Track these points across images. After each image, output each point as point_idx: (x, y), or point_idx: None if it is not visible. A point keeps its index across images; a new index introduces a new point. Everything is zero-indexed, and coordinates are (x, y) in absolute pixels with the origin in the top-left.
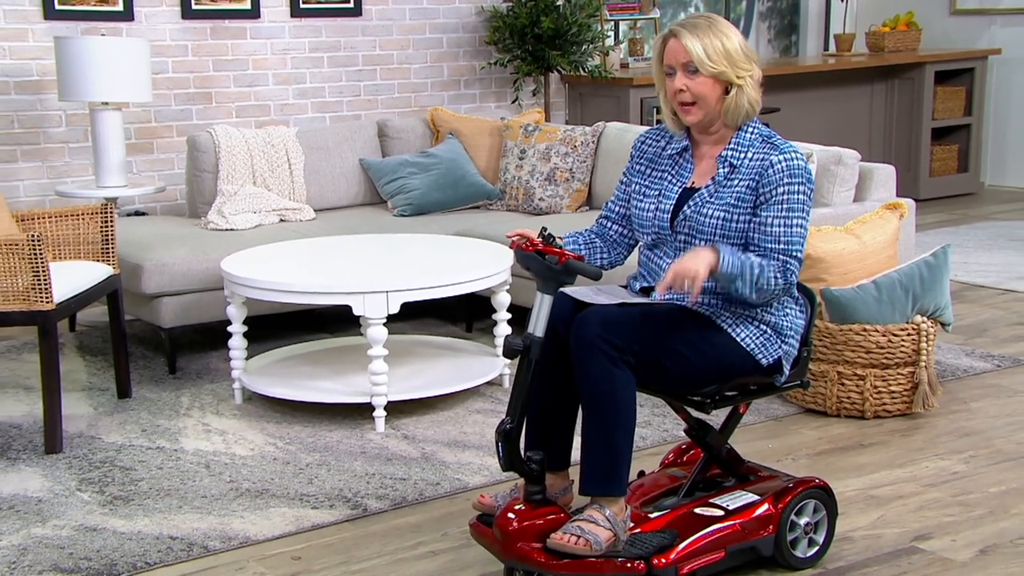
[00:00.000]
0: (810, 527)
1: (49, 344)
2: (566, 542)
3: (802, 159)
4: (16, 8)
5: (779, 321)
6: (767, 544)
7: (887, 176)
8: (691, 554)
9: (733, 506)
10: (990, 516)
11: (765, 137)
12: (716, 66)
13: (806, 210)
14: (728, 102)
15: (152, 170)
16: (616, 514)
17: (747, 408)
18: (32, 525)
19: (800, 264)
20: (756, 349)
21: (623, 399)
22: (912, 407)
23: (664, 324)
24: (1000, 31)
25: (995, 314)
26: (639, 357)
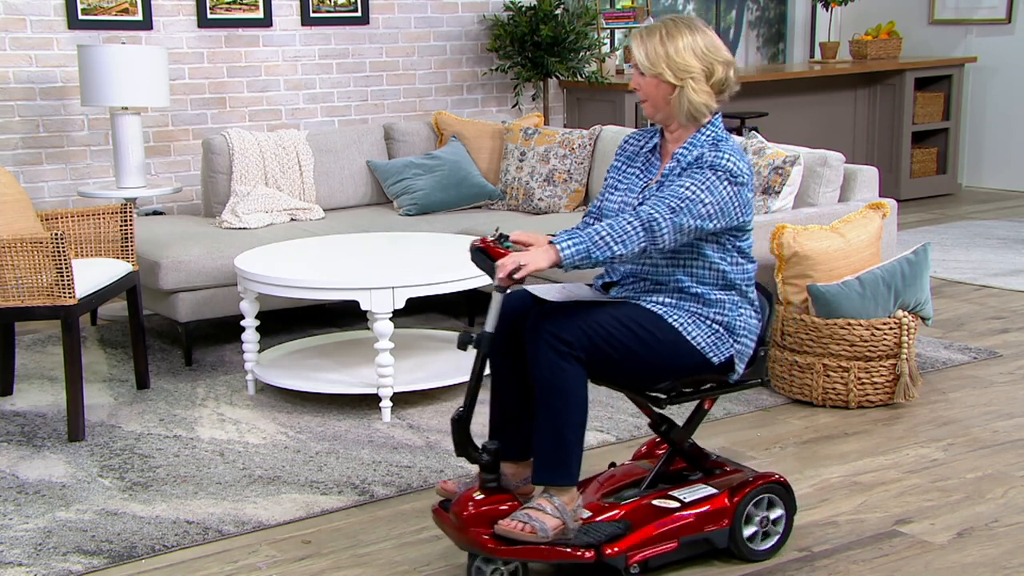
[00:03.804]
0: (766, 521)
1: (72, 337)
2: (512, 528)
3: (734, 162)
4: (42, 18)
5: (732, 321)
6: (721, 536)
7: (870, 177)
8: (642, 543)
9: (690, 498)
10: (967, 501)
11: (716, 139)
12: (655, 68)
13: (709, 188)
14: (673, 102)
15: (169, 171)
16: (566, 503)
17: (712, 404)
18: (56, 509)
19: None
20: (707, 348)
21: (571, 392)
22: (894, 398)
23: (615, 321)
24: (976, 40)
25: (972, 309)
26: (588, 352)
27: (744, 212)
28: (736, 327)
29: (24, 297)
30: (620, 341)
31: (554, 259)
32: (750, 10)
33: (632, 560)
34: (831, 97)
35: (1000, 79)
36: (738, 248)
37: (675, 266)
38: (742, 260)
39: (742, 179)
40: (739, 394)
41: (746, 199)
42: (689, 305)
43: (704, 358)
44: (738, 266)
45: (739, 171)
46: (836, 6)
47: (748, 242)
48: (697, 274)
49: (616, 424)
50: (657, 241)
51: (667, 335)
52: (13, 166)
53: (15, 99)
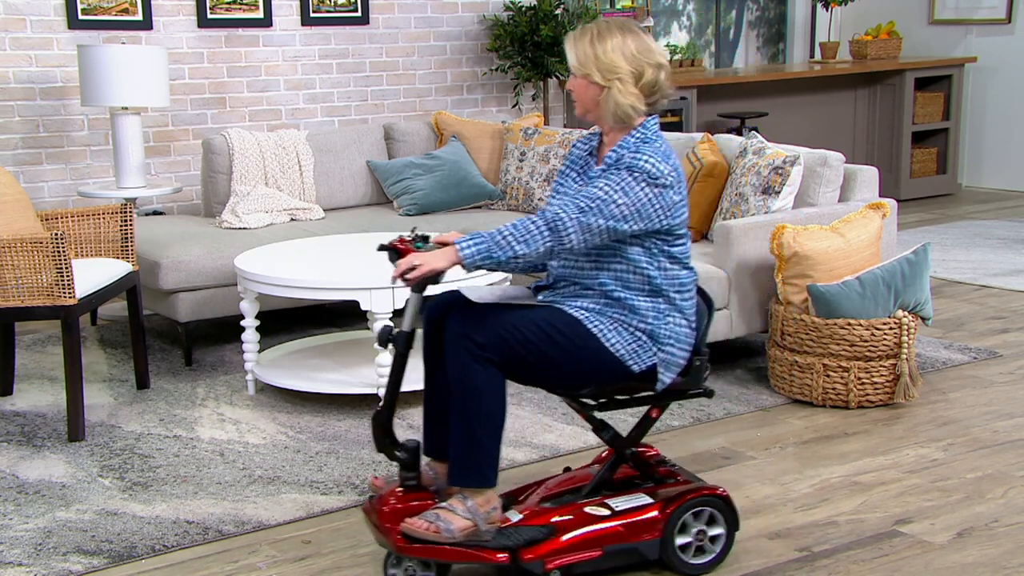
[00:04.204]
0: (703, 535)
1: (72, 337)
2: (417, 527)
3: (653, 163)
4: (42, 18)
5: (656, 329)
6: (652, 547)
7: (870, 177)
8: (563, 550)
9: (622, 507)
10: (967, 501)
11: (644, 141)
12: (583, 68)
13: (623, 188)
14: (602, 103)
15: (169, 171)
16: (479, 505)
17: (660, 413)
18: (56, 509)
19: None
20: (626, 355)
21: (484, 395)
22: (894, 397)
23: (531, 324)
24: (976, 40)
25: (972, 309)
26: (502, 355)
27: (669, 216)
28: (660, 335)
29: (24, 297)
30: (535, 345)
31: (453, 260)
32: (750, 10)
33: (550, 565)
34: (831, 97)
35: (1000, 79)
36: (668, 254)
37: (599, 269)
38: (672, 266)
39: (664, 181)
40: (739, 394)
41: (670, 202)
42: (613, 311)
43: (623, 366)
44: (666, 272)
45: (659, 173)
46: (836, 6)
47: (680, 248)
48: (623, 278)
49: (616, 424)
50: (563, 241)
51: (584, 340)
52: (13, 166)
53: (15, 99)
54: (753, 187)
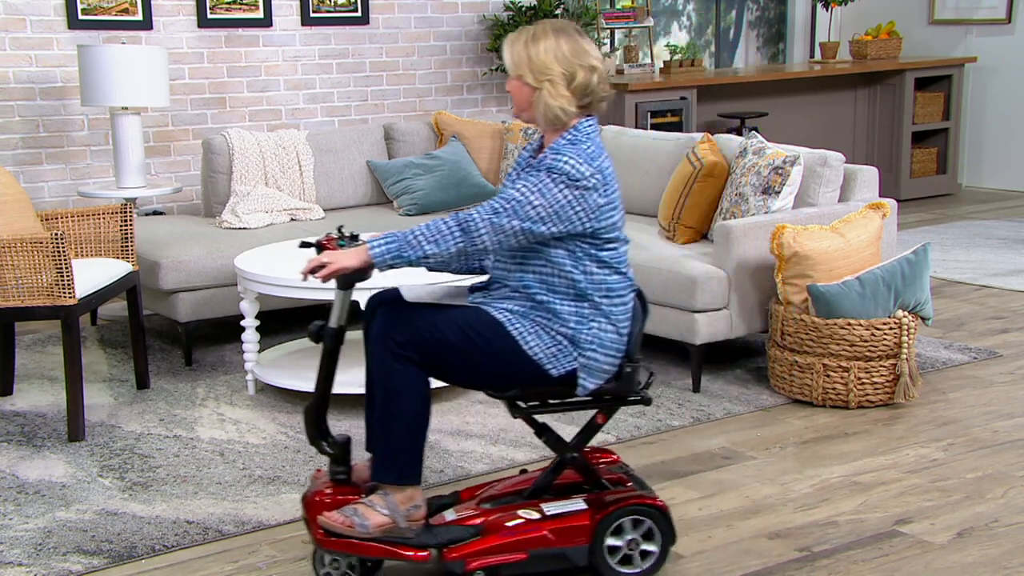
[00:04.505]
0: (635, 544)
1: (72, 337)
2: (333, 521)
3: (573, 164)
4: (42, 18)
5: (577, 333)
6: (580, 554)
7: (870, 177)
8: (485, 552)
9: (552, 512)
10: (967, 501)
11: (572, 142)
12: (517, 70)
13: (540, 190)
14: (534, 104)
15: (169, 171)
16: (399, 502)
17: (605, 419)
18: (56, 509)
19: (505, 210)
20: (544, 359)
21: (403, 393)
22: (894, 397)
23: (452, 324)
24: (976, 40)
25: (972, 309)
26: (422, 354)
27: (593, 219)
28: (581, 340)
29: (24, 297)
30: (454, 345)
31: (364, 259)
32: (750, 10)
33: (471, 566)
34: (831, 97)
35: (1000, 79)
36: (595, 258)
37: (524, 271)
38: (599, 271)
39: (585, 183)
40: (739, 394)
41: (593, 205)
42: (536, 314)
43: (541, 369)
44: (592, 276)
45: (579, 175)
46: (836, 6)
47: (611, 252)
48: (547, 281)
49: (616, 424)
50: (476, 241)
51: (503, 342)
52: (13, 166)
53: (15, 99)
54: (753, 187)
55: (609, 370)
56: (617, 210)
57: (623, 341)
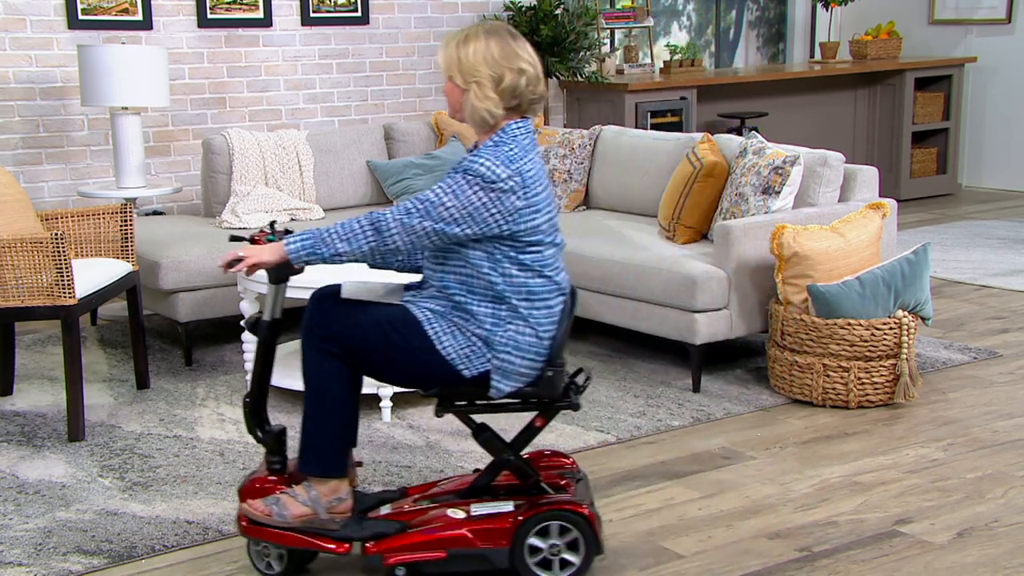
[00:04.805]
0: (557, 549)
1: (72, 337)
2: (254, 509)
3: (489, 166)
4: (42, 18)
5: (491, 335)
6: (501, 556)
7: (870, 177)
8: (406, 548)
9: (478, 513)
10: (967, 501)
11: (495, 144)
12: (448, 71)
13: (454, 191)
14: (464, 106)
15: (169, 171)
16: (322, 494)
17: (544, 423)
18: (56, 509)
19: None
20: (457, 360)
21: (326, 388)
22: (894, 397)
23: (375, 323)
24: (976, 40)
25: (972, 309)
26: (345, 350)
27: (510, 222)
28: (495, 342)
29: (24, 297)
30: (373, 342)
31: (280, 255)
32: (750, 10)
33: (390, 560)
34: (831, 97)
35: (1000, 79)
36: (515, 260)
37: (444, 272)
38: (520, 273)
39: (501, 185)
40: (739, 394)
41: (510, 208)
42: (455, 315)
43: (454, 369)
44: (511, 278)
45: (494, 177)
46: (836, 6)
47: (533, 255)
48: (466, 282)
49: (616, 424)
50: (387, 241)
51: (419, 341)
52: (13, 166)
53: (15, 99)
54: (753, 187)
55: (527, 373)
56: (541, 213)
57: (544, 345)
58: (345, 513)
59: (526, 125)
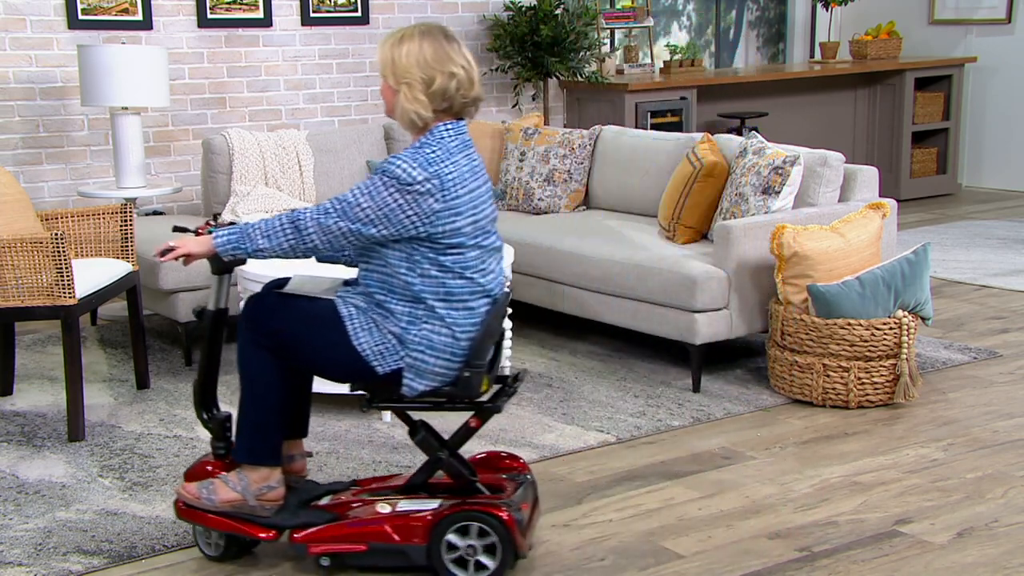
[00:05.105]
0: (473, 550)
1: (72, 337)
2: (186, 492)
3: (405, 168)
4: (42, 18)
5: (405, 333)
6: (419, 553)
7: (870, 177)
8: (328, 538)
9: (403, 508)
10: (967, 501)
11: (419, 146)
12: (382, 72)
13: (371, 192)
14: (396, 106)
15: (169, 171)
16: (252, 481)
17: (479, 423)
18: (56, 509)
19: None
20: (371, 355)
21: (255, 378)
22: (894, 397)
23: (303, 317)
24: (976, 40)
25: (972, 309)
26: (274, 342)
27: (427, 224)
28: (409, 340)
29: (24, 297)
30: (298, 336)
31: (209, 247)
32: (750, 10)
33: (313, 550)
34: (831, 97)
35: (1000, 79)
36: (435, 262)
37: (368, 270)
38: (439, 274)
39: (417, 188)
40: (739, 394)
41: (428, 210)
42: (375, 312)
43: (368, 365)
44: (429, 280)
45: (410, 179)
46: (836, 6)
47: (454, 257)
48: (386, 281)
49: (616, 424)
50: (305, 240)
51: (338, 336)
52: (13, 166)
53: (15, 99)
54: (753, 187)
55: (442, 373)
56: (462, 216)
57: (460, 346)
58: (276, 501)
59: (456, 127)
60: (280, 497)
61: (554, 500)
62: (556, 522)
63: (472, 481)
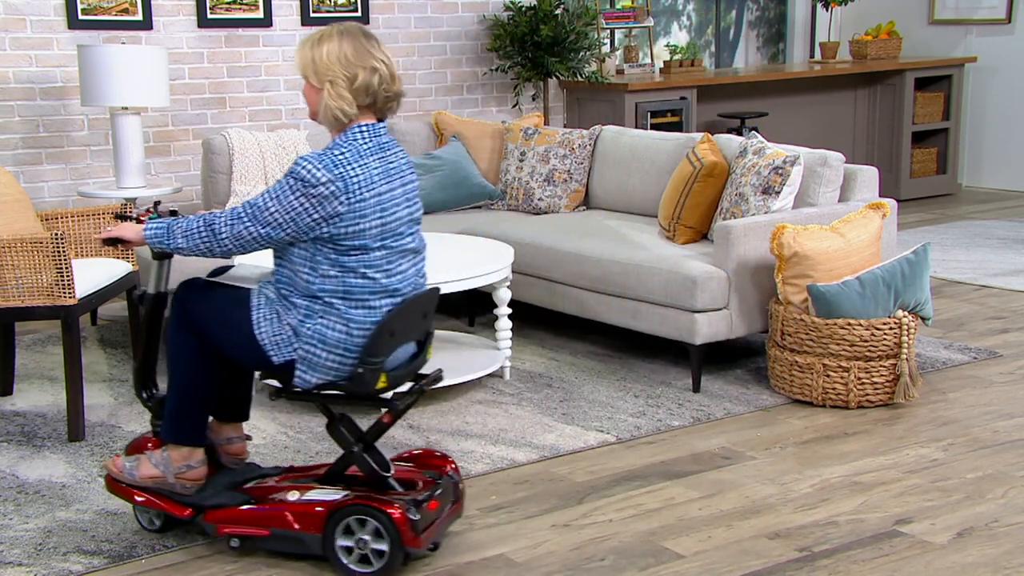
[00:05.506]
0: (364, 544)
1: (72, 337)
2: (113, 466)
3: (310, 169)
4: (42, 18)
5: (300, 326)
6: (315, 542)
7: (870, 177)
8: (236, 520)
9: (308, 498)
10: (967, 501)
11: (329, 147)
12: (303, 72)
13: (279, 196)
14: (319, 105)
15: (169, 171)
16: (173, 459)
17: (391, 419)
18: (56, 509)
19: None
20: (268, 345)
21: (178, 360)
22: (894, 397)
23: (220, 304)
24: (976, 40)
25: (972, 309)
26: (195, 327)
27: (331, 225)
28: (303, 332)
29: (24, 297)
30: (209, 320)
31: (139, 237)
32: (750, 10)
33: (222, 531)
34: (831, 97)
35: (1000, 79)
36: (336, 263)
37: (278, 263)
38: (339, 274)
39: (321, 190)
40: (739, 394)
41: (331, 212)
42: (279, 304)
43: (264, 354)
44: (328, 278)
45: (314, 180)
46: (836, 6)
47: (359, 259)
48: (288, 276)
49: (616, 424)
50: (221, 243)
51: (242, 323)
52: (13, 166)
53: (15, 99)
54: (753, 187)
55: (334, 368)
56: (366, 218)
57: (354, 343)
58: (197, 480)
59: (373, 129)
60: (201, 476)
61: (554, 500)
62: (556, 522)
63: (384, 476)
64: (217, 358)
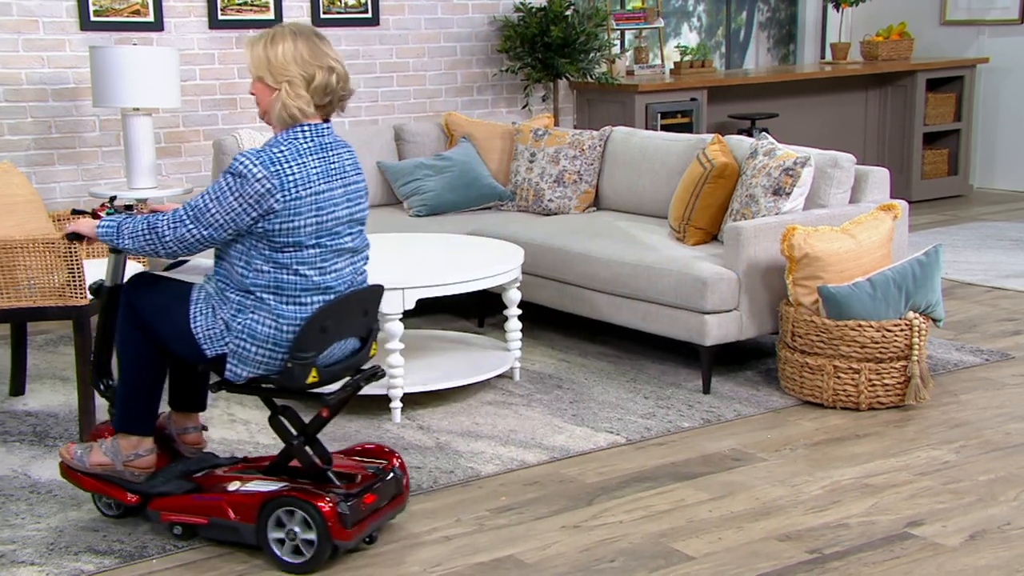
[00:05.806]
0: (294, 535)
1: (83, 337)
2: (66, 452)
3: (248, 166)
4: (54, 20)
5: (231, 320)
6: (248, 532)
7: (881, 179)
8: (179, 508)
9: (246, 489)
10: (979, 503)
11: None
12: (257, 72)
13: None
14: (273, 105)
15: (180, 172)
16: (122, 448)
17: (330, 413)
18: (68, 509)
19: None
20: (203, 338)
21: (126, 353)
22: (905, 399)
23: (165, 297)
24: (988, 41)
25: (984, 310)
26: (141, 321)
27: (264, 220)
28: (234, 327)
29: (36, 297)
30: (152, 312)
31: (92, 232)
32: (761, 11)
33: (164, 518)
34: (842, 98)
35: (1013, 80)
36: (268, 258)
37: (219, 258)
38: (272, 270)
39: (257, 186)
40: (750, 395)
41: (267, 208)
42: (217, 298)
43: (199, 347)
44: (261, 273)
45: (250, 176)
46: (847, 7)
47: (292, 256)
48: (228, 271)
49: (626, 425)
50: (164, 244)
51: (180, 317)
52: (25, 167)
53: (28, 100)
54: (764, 188)
55: (264, 362)
56: (301, 216)
57: (284, 338)
58: (145, 468)
59: (316, 129)
60: (149, 465)
61: (564, 501)
62: (566, 523)
63: (323, 469)
64: (162, 351)
